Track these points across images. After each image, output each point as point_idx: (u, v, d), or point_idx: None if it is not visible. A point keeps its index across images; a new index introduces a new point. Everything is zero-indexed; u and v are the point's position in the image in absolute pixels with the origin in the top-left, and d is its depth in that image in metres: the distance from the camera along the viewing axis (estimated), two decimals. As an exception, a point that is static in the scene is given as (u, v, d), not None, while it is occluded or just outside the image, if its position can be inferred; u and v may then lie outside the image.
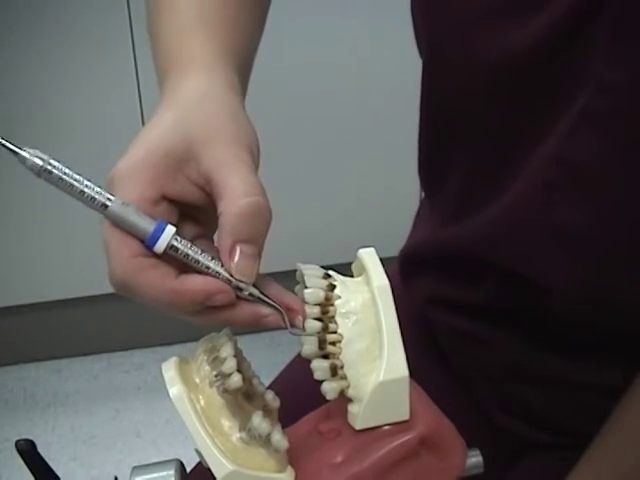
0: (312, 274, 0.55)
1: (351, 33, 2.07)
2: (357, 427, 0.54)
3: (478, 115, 0.70)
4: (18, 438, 0.58)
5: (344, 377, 0.53)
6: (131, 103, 2.02)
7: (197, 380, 0.54)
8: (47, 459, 0.59)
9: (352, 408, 0.54)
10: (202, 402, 0.53)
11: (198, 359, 0.55)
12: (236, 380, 0.52)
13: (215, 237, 0.58)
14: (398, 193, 2.21)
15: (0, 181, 2.03)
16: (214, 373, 0.53)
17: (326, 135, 2.18)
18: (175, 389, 0.52)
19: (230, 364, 0.52)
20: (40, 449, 0.59)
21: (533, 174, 0.65)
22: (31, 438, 0.58)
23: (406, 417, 0.54)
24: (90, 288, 2.23)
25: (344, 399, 0.54)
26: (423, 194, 0.91)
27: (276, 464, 0.53)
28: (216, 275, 0.54)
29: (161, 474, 0.57)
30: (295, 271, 0.57)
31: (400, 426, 0.54)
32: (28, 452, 0.58)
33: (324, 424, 0.58)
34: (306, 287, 0.54)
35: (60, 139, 2.03)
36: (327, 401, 0.54)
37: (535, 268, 0.67)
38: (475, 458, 0.58)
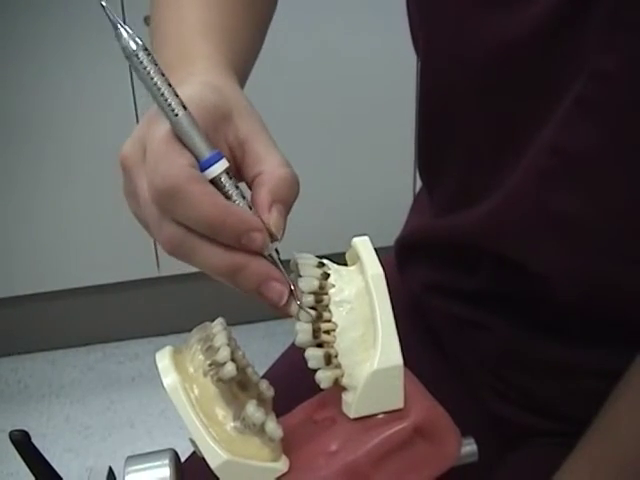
0: (306, 263, 0.55)
1: (348, 27, 2.07)
2: (352, 416, 0.54)
3: (474, 107, 0.70)
4: (12, 429, 0.58)
5: (338, 366, 0.53)
6: (127, 105, 2.03)
7: (191, 369, 0.54)
8: (42, 450, 0.59)
9: (346, 397, 0.55)
10: (196, 391, 0.53)
11: (192, 348, 0.55)
12: (230, 369, 0.52)
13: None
14: (393, 183, 2.22)
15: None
16: (208, 362, 0.53)
17: (321, 125, 2.18)
18: (169, 378, 0.52)
19: (224, 353, 0.52)
20: (34, 440, 0.59)
21: (529, 163, 0.65)
22: (25, 429, 0.58)
23: (400, 406, 0.54)
24: (84, 279, 2.22)
25: (338, 388, 0.55)
26: (419, 183, 0.92)
27: (270, 453, 0.53)
28: None
29: (155, 464, 0.57)
30: (290, 261, 0.57)
31: (394, 415, 0.54)
32: (22, 443, 0.58)
33: (318, 413, 0.58)
34: (300, 276, 0.54)
35: (55, 137, 2.03)
36: (321, 390, 0.54)
37: (532, 256, 0.68)
38: (469, 446, 0.58)
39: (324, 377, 0.53)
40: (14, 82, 1.94)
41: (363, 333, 0.54)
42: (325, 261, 0.56)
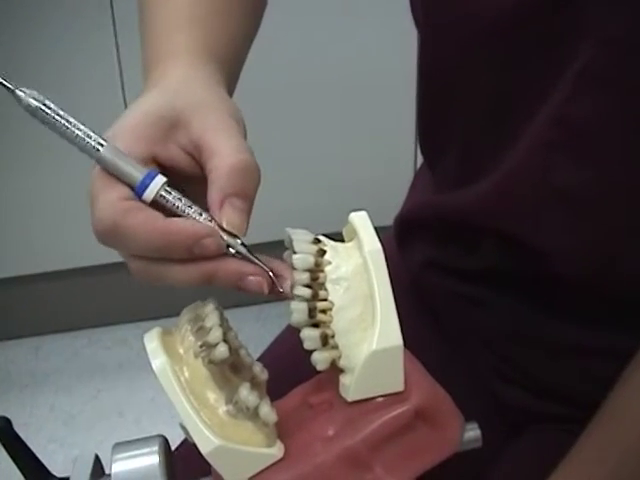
0: (301, 239, 0.55)
1: (349, 3, 2.07)
2: (349, 399, 0.55)
3: (476, 78, 0.70)
4: (-7, 418, 0.58)
5: (335, 346, 0.53)
6: (115, 92, 2.03)
7: (181, 351, 0.54)
8: (25, 441, 0.59)
9: (344, 379, 0.55)
10: (187, 374, 0.53)
11: (182, 329, 0.56)
12: (222, 350, 0.52)
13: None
14: (392, 161, 2.22)
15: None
16: (199, 343, 0.54)
17: (319, 102, 2.17)
18: (158, 360, 0.53)
19: (216, 334, 0.52)
20: (17, 431, 0.59)
21: (533, 136, 0.66)
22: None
23: (400, 388, 0.55)
24: (69, 261, 2.22)
25: (335, 370, 0.55)
26: (419, 162, 0.92)
27: (264, 438, 0.54)
28: None
29: (144, 451, 0.57)
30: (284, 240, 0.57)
31: (394, 398, 0.55)
32: (3, 429, 0.58)
33: (315, 396, 0.59)
34: (295, 252, 0.54)
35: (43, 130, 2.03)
36: (318, 372, 0.55)
37: (535, 233, 0.68)
38: (473, 431, 0.58)
39: (320, 358, 0.53)
40: (14, 73, 1.95)
41: (361, 312, 0.54)
42: (321, 237, 0.56)
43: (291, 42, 2.08)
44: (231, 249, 0.55)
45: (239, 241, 0.55)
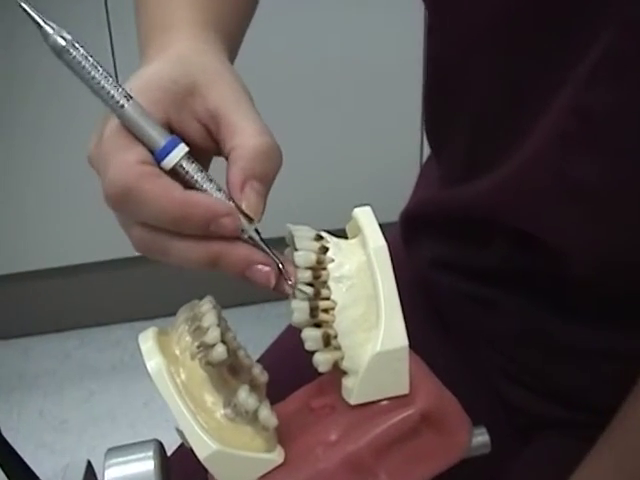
0: (303, 235, 0.55)
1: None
2: (352, 402, 0.55)
3: (487, 65, 0.70)
4: (-21, 423, 0.58)
5: (338, 347, 0.53)
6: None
7: (177, 352, 0.54)
8: (13, 447, 0.59)
9: (347, 382, 0.55)
10: (183, 376, 0.53)
11: (178, 329, 0.56)
12: (220, 351, 0.52)
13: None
14: (398, 155, 2.22)
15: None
16: (196, 344, 0.53)
17: (323, 97, 2.18)
18: (153, 362, 0.52)
19: (213, 334, 0.52)
20: (5, 436, 0.59)
21: (547, 127, 0.65)
22: (-6, 421, 0.59)
23: (406, 391, 0.55)
24: (61, 258, 2.22)
25: (338, 372, 0.55)
26: (425, 156, 0.92)
27: (264, 443, 0.53)
28: None
29: (138, 456, 0.57)
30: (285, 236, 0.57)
31: (399, 401, 0.55)
32: (-11, 435, 0.58)
33: (316, 400, 0.59)
34: (296, 249, 0.54)
35: (37, 117, 2.03)
36: (319, 375, 0.55)
37: (549, 228, 0.68)
38: (481, 437, 0.58)
39: (323, 360, 0.53)
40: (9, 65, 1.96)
41: (365, 312, 0.54)
42: (323, 234, 0.56)
43: (294, 35, 2.09)
44: (244, 234, 0.54)
45: (253, 226, 0.55)
